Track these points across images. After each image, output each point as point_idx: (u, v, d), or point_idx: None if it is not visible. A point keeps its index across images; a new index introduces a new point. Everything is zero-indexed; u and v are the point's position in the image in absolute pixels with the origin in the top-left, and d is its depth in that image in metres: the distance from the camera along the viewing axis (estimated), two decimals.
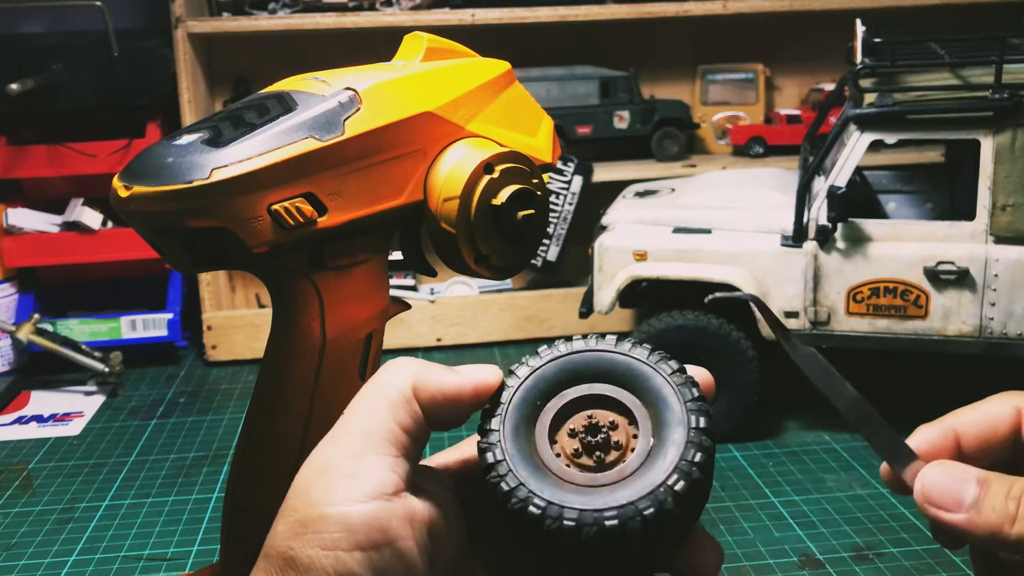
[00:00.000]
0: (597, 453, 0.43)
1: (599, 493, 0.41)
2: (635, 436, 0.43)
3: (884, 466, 0.43)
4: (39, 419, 1.32)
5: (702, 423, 0.42)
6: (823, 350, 1.13)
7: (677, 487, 0.40)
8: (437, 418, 0.42)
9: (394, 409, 0.40)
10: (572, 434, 0.43)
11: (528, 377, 0.44)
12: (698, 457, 0.41)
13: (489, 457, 0.41)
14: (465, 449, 0.47)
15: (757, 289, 1.10)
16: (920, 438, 0.44)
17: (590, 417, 0.43)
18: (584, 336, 0.46)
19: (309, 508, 0.38)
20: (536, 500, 0.40)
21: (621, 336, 0.45)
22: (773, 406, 1.23)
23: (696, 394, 0.43)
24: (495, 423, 0.43)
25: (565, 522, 0.40)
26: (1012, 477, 0.40)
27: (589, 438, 0.43)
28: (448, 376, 0.42)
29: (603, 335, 0.46)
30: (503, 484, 0.41)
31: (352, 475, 0.38)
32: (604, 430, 0.43)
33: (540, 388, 0.44)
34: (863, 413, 0.45)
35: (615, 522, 0.40)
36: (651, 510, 0.40)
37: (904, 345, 1.07)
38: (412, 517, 0.39)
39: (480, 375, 0.43)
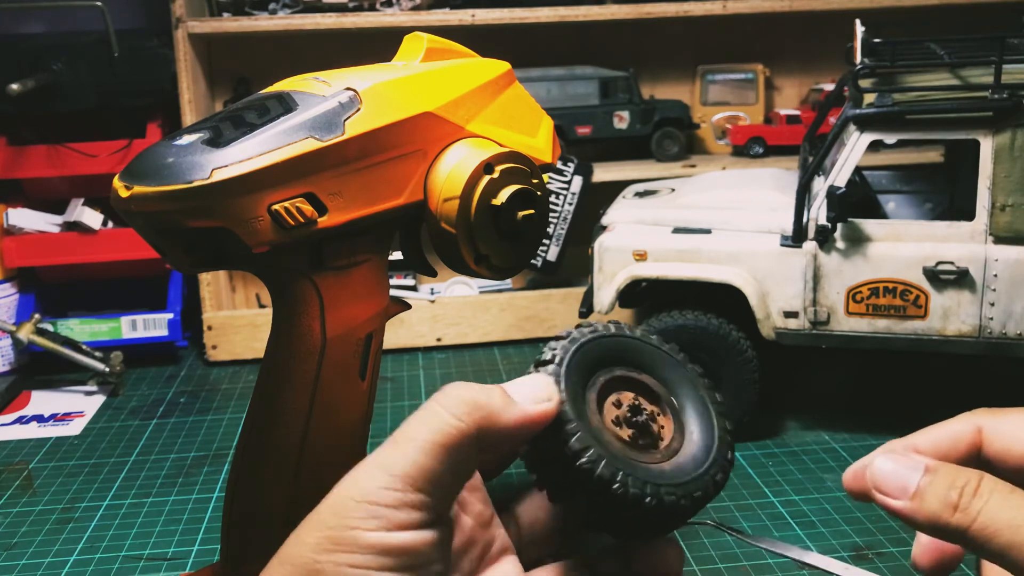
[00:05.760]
0: (636, 431, 0.48)
1: (650, 468, 0.47)
2: (660, 414, 0.50)
3: (846, 473, 0.44)
4: (39, 419, 1.32)
5: (728, 425, 0.50)
6: (822, 350, 1.13)
7: (718, 477, 0.48)
8: (488, 450, 0.44)
9: (449, 453, 0.41)
10: (617, 405, 0.49)
11: (575, 352, 0.49)
12: (729, 455, 0.49)
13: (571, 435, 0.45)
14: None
15: (757, 289, 1.10)
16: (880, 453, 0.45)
17: (635, 397, 0.50)
18: (612, 323, 0.52)
19: (343, 528, 0.39)
20: (611, 468, 0.45)
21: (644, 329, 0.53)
22: (773, 406, 1.23)
23: (719, 398, 0.52)
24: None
25: (631, 489, 0.44)
26: (961, 468, 0.41)
27: (632, 416, 0.48)
28: (511, 412, 0.43)
29: (626, 325, 0.52)
30: (574, 443, 0.45)
31: (392, 505, 0.39)
32: (645, 412, 0.49)
33: (587, 365, 0.49)
34: None
35: (673, 497, 0.45)
36: (699, 493, 0.47)
37: (904, 345, 1.08)
38: (443, 545, 0.41)
39: (541, 408, 0.44)
